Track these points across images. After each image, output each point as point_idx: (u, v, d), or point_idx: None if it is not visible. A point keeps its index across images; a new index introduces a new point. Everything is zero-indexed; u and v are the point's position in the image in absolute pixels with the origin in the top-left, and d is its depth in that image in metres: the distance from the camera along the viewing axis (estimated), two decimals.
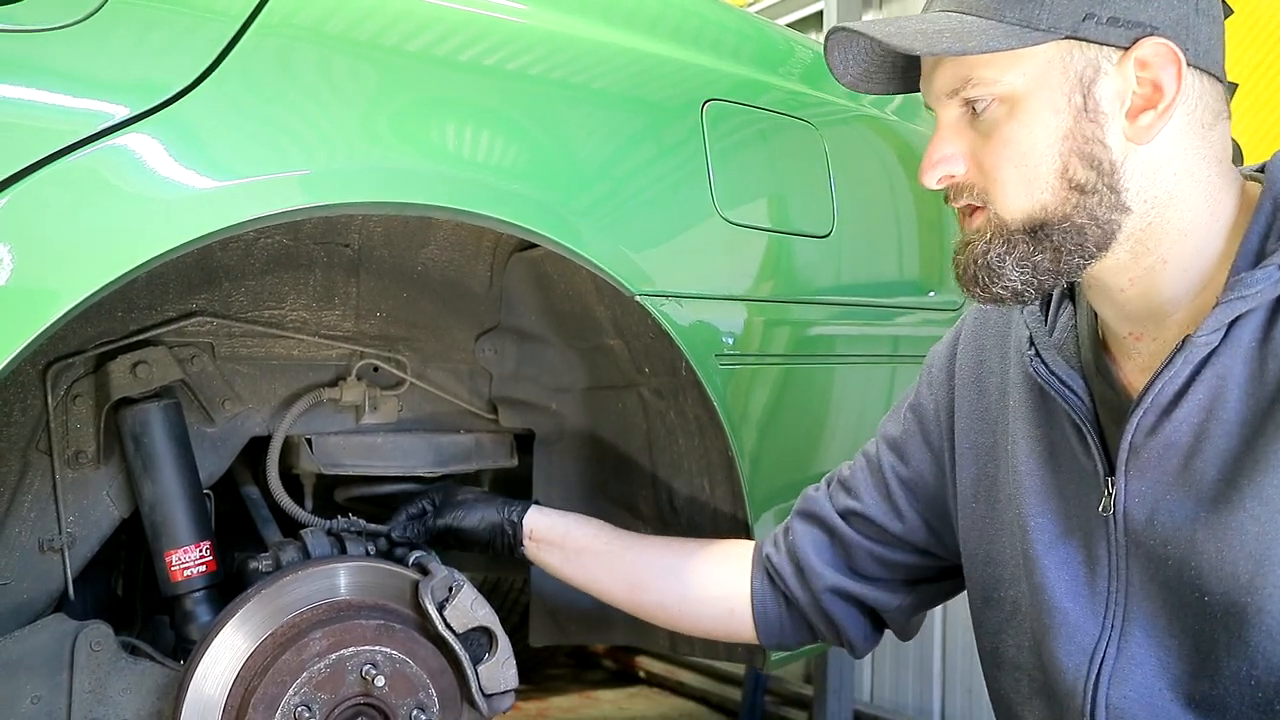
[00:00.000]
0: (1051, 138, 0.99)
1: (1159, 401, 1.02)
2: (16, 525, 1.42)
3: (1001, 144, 1.00)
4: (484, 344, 1.74)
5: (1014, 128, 1.00)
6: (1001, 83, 0.99)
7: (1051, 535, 1.14)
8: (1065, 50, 0.98)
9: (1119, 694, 1.06)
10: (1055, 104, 0.98)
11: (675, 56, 1.58)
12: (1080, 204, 0.99)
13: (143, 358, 1.46)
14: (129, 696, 1.41)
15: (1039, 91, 0.99)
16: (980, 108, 1.01)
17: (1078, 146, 0.99)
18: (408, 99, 1.26)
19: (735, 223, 1.56)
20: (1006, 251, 1.01)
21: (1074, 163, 0.99)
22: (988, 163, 1.01)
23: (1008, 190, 1.01)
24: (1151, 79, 0.97)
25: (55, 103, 1.03)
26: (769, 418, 1.62)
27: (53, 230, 1.01)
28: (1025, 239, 1.00)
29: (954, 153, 1.03)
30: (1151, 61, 0.96)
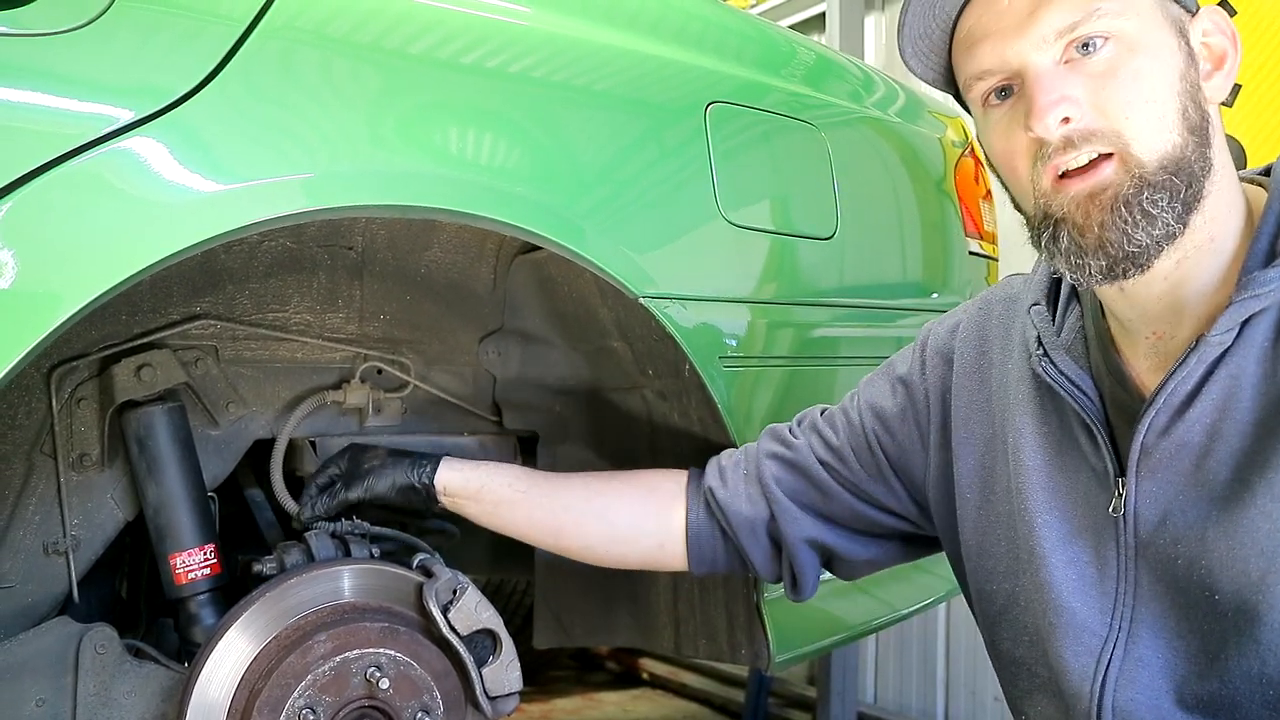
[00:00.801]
0: (1172, 76, 0.97)
1: (1172, 401, 1.02)
2: (21, 528, 1.42)
3: (1129, 83, 0.96)
4: (487, 346, 1.74)
5: (1142, 63, 0.96)
6: (1124, 17, 0.96)
7: (1059, 534, 1.13)
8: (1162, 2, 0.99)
9: (1126, 696, 1.06)
10: (1169, 45, 0.98)
11: (678, 59, 1.58)
12: (1196, 150, 0.97)
13: (147, 361, 1.46)
14: (134, 699, 1.41)
15: (1154, 31, 0.98)
16: (1097, 45, 0.97)
17: (1189, 89, 0.98)
18: (411, 102, 1.26)
19: (738, 225, 1.56)
20: (1154, 193, 0.95)
21: (1189, 105, 0.97)
22: (1116, 100, 0.96)
23: (1143, 129, 0.95)
24: (1214, 44, 1.01)
25: (61, 106, 1.03)
26: (772, 419, 1.62)
27: (58, 234, 1.01)
28: (1163, 185, 0.95)
29: (1071, 92, 0.97)
30: (1212, 29, 1.01)
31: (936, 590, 2.07)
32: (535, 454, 1.82)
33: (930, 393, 1.34)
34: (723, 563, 1.48)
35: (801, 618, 1.72)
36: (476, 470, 1.55)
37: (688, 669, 4.36)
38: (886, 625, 2.02)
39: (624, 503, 1.51)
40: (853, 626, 1.89)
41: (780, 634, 1.63)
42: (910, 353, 1.40)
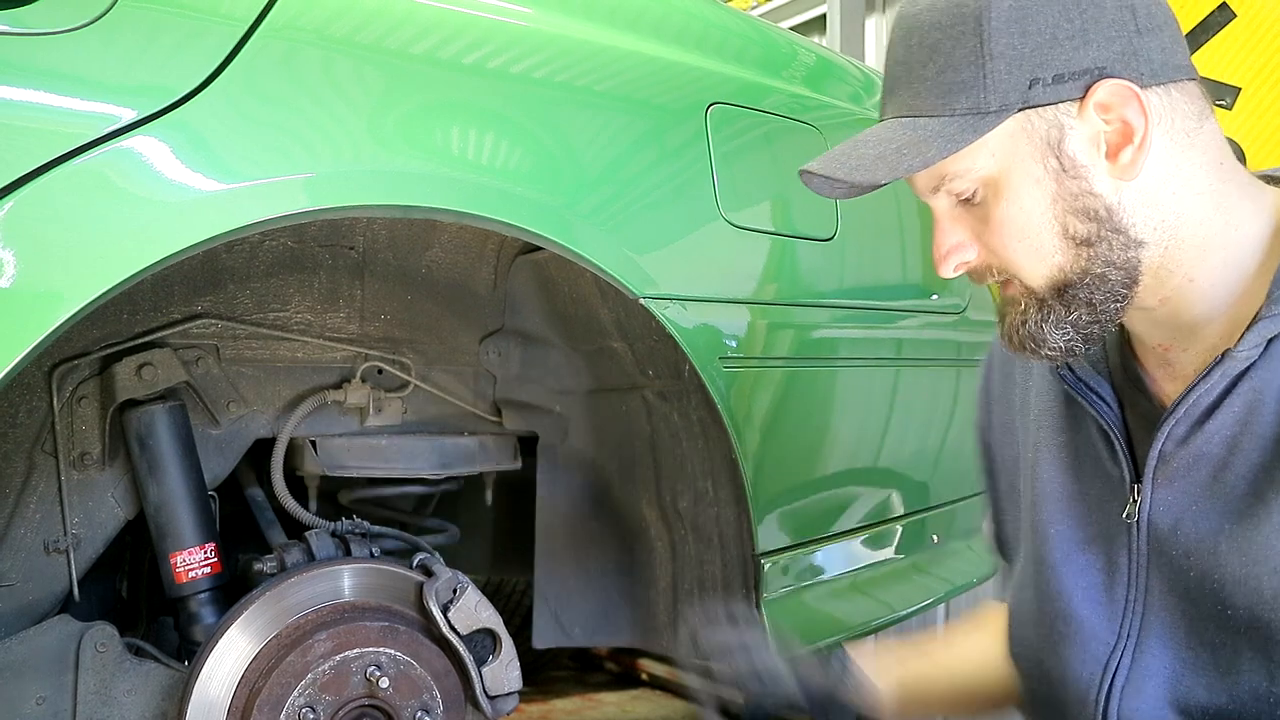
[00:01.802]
0: (1042, 205, 0.98)
1: (1192, 413, 1.01)
2: (22, 527, 1.42)
3: (999, 225, 1.00)
4: (488, 346, 1.74)
5: (1004, 208, 0.99)
6: (975, 170, 0.99)
7: (1071, 543, 1.13)
8: (1024, 120, 0.97)
9: (1131, 705, 1.05)
10: (1034, 174, 0.98)
11: (679, 60, 1.58)
12: (1093, 255, 0.98)
13: (148, 360, 1.46)
14: (134, 698, 1.41)
15: (1013, 168, 0.98)
16: (969, 193, 1.01)
17: (1069, 205, 0.98)
18: (413, 102, 1.26)
19: (739, 226, 1.56)
20: (1043, 318, 1.01)
21: (1071, 221, 0.98)
22: (993, 244, 1.01)
23: (1023, 262, 1.00)
24: (1119, 118, 0.95)
25: (63, 105, 1.03)
26: (772, 420, 1.63)
27: (60, 233, 1.01)
28: (1056, 302, 1.00)
29: (959, 241, 1.04)
30: (1111, 103, 0.95)
31: (935, 591, 2.07)
32: (535, 454, 1.82)
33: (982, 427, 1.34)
34: None
35: (801, 619, 1.72)
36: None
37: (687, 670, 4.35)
38: (885, 626, 2.02)
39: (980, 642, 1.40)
40: (852, 627, 1.89)
41: (779, 634, 1.63)
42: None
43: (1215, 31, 2.73)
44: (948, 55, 0.97)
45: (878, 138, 1.03)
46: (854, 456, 1.85)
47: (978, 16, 0.95)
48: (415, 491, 1.81)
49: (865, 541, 1.90)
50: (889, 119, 1.05)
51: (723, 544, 1.67)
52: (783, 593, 1.67)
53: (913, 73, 1.01)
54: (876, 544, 1.94)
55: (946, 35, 0.97)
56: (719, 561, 1.68)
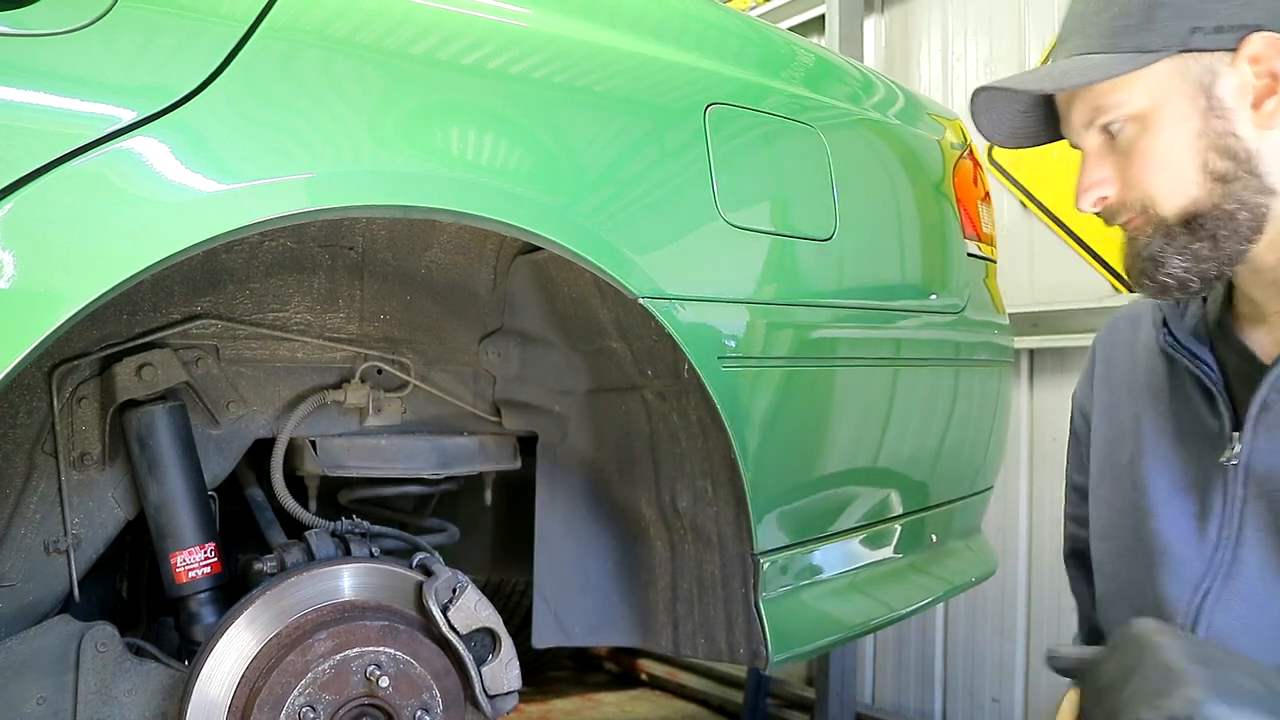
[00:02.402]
0: (1185, 140, 1.08)
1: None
2: (22, 527, 1.42)
3: (1142, 157, 1.09)
4: (487, 346, 1.75)
5: (1150, 140, 1.09)
6: (1128, 104, 1.08)
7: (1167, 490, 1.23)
8: (1181, 63, 1.07)
9: (1223, 620, 1.13)
10: (1183, 111, 1.07)
11: (678, 60, 1.58)
12: (1227, 192, 1.07)
13: (148, 360, 1.47)
14: (134, 697, 1.41)
15: (1165, 104, 1.08)
16: (1116, 130, 1.10)
17: (1213, 142, 1.07)
18: (412, 102, 1.26)
19: (738, 226, 1.57)
20: (1168, 243, 1.10)
21: (1212, 157, 1.07)
22: (1135, 177, 1.10)
23: (1159, 195, 1.09)
24: (1268, 70, 1.05)
25: (63, 106, 1.03)
26: (771, 420, 1.63)
27: (60, 233, 1.01)
28: (1183, 230, 1.09)
29: (1102, 177, 1.12)
30: (1263, 55, 1.05)
31: (934, 591, 2.07)
32: (534, 454, 1.82)
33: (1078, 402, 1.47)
34: None
35: (799, 618, 1.72)
36: None
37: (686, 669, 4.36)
38: (884, 626, 2.02)
39: None
40: (851, 627, 1.90)
41: (778, 634, 1.64)
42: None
43: None
44: (1123, 4, 1.08)
45: (1050, 66, 1.14)
46: (853, 456, 1.85)
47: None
48: (415, 491, 1.81)
49: (864, 541, 1.90)
50: (1061, 58, 1.15)
51: (722, 543, 1.67)
52: (781, 592, 1.67)
53: (1086, 20, 1.12)
54: (875, 543, 1.94)
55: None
56: (718, 561, 1.68)
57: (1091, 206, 1.14)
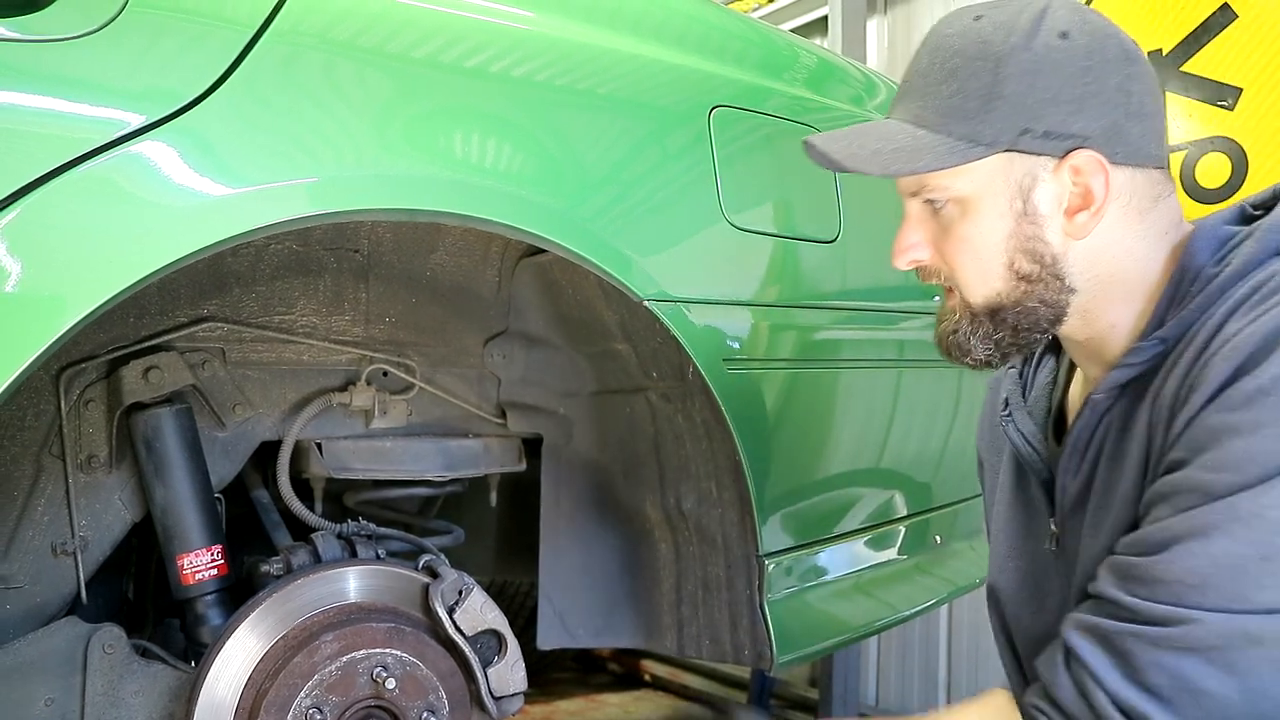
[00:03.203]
0: (998, 237, 1.09)
1: (1078, 446, 1.15)
2: (30, 529, 1.43)
3: (958, 240, 1.11)
4: (492, 349, 1.75)
5: (966, 227, 1.10)
6: (953, 189, 1.10)
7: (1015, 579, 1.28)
8: (1006, 160, 1.07)
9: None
10: (999, 209, 1.09)
11: (681, 63, 1.59)
12: (1029, 291, 1.10)
13: (154, 363, 1.47)
14: (141, 699, 1.42)
15: (985, 197, 1.09)
16: (938, 206, 1.12)
17: (1021, 244, 1.09)
18: (417, 106, 1.26)
19: (742, 228, 1.57)
20: (972, 331, 1.13)
21: (1019, 258, 1.09)
22: (947, 254, 1.13)
23: (967, 278, 1.12)
24: (1084, 184, 1.06)
25: (72, 111, 1.04)
26: (776, 422, 1.63)
27: (68, 238, 1.02)
28: (987, 320, 1.12)
29: (919, 241, 1.15)
30: (1083, 169, 1.06)
31: (939, 592, 2.07)
32: (539, 456, 1.83)
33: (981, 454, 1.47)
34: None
35: (804, 619, 1.73)
36: None
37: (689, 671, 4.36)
38: (889, 627, 2.03)
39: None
40: (855, 628, 1.90)
41: (783, 635, 1.64)
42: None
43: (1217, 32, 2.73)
44: (963, 82, 1.07)
45: (880, 134, 1.13)
46: (857, 458, 1.85)
47: (999, 58, 1.06)
48: (420, 493, 1.81)
49: (868, 542, 1.91)
50: (894, 119, 1.15)
51: (726, 545, 1.68)
52: (786, 593, 1.68)
53: (929, 87, 1.11)
54: (880, 545, 1.94)
55: (967, 64, 1.07)
56: (723, 562, 1.68)
57: (906, 266, 1.18)
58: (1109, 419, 1.12)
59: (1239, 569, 0.90)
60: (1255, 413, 0.92)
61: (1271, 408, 0.92)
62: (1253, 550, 0.90)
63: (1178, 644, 0.92)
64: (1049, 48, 1.05)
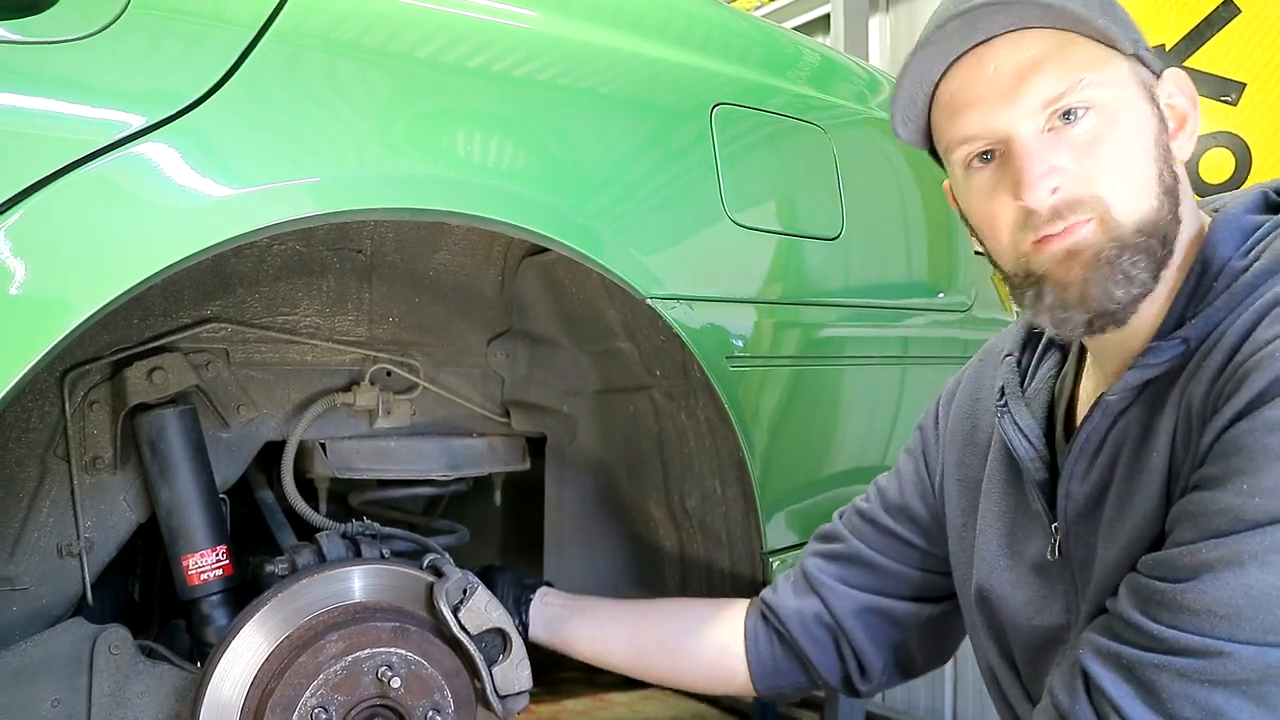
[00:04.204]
0: (1148, 144, 1.02)
1: (1087, 449, 1.09)
2: (35, 530, 1.43)
3: (1113, 149, 1.00)
4: (496, 348, 1.75)
5: (1120, 135, 1.00)
6: (1104, 86, 1.00)
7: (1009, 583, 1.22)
8: (1135, 66, 1.03)
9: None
10: (1144, 113, 1.02)
11: (683, 61, 1.58)
12: (1171, 210, 1.02)
13: (158, 364, 1.47)
14: (148, 700, 1.42)
15: (1131, 102, 1.02)
16: (1079, 114, 1.00)
17: (1163, 153, 1.02)
18: (420, 106, 1.26)
19: (745, 225, 1.57)
20: (1132, 254, 1.00)
21: (1164, 168, 1.02)
22: (1099, 170, 1.00)
23: (1124, 195, 1.00)
24: (1179, 104, 1.05)
25: (74, 113, 1.04)
26: (780, 419, 1.63)
27: (71, 239, 1.02)
28: (1143, 243, 1.00)
29: (1060, 164, 1.00)
30: (1176, 90, 1.05)
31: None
32: (543, 455, 1.83)
33: (933, 444, 1.42)
34: (784, 670, 1.50)
35: None
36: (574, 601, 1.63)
37: None
38: None
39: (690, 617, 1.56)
40: None
41: None
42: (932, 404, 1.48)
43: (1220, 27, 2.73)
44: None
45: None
46: (861, 454, 1.85)
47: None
48: (424, 493, 1.81)
49: None
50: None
51: (731, 542, 1.68)
52: None
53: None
54: None
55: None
56: (727, 560, 1.68)
57: (1050, 196, 1.00)
58: (1125, 422, 1.06)
59: (1274, 600, 0.86)
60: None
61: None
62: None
63: (1208, 677, 0.88)
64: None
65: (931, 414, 1.45)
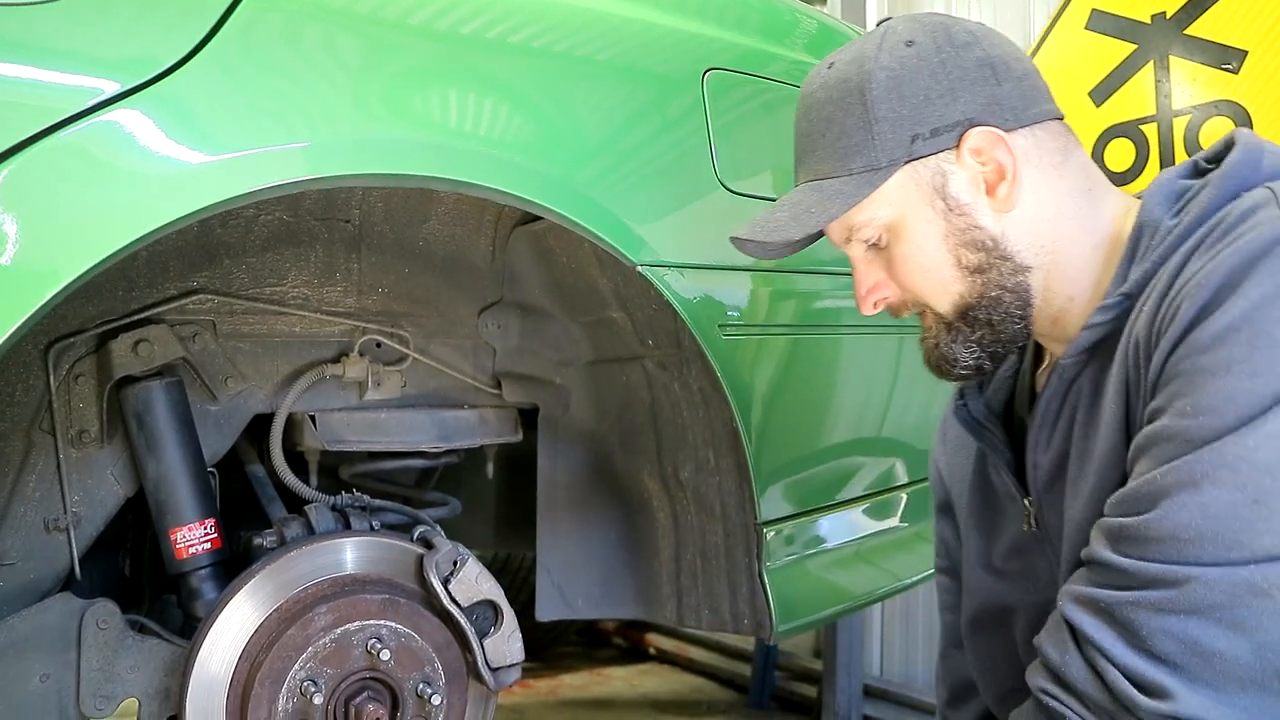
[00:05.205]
0: (935, 242, 1.11)
1: (1047, 418, 1.15)
2: (21, 505, 1.42)
3: (903, 263, 1.13)
4: (487, 319, 1.73)
5: (904, 247, 1.13)
6: (876, 219, 1.12)
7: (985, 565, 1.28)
8: (911, 172, 1.10)
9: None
10: (925, 215, 1.11)
11: (676, 26, 1.56)
12: (987, 281, 1.11)
13: (144, 336, 1.46)
14: (137, 674, 1.41)
15: (908, 212, 1.11)
16: (873, 242, 1.14)
17: (960, 240, 1.11)
18: (407, 71, 1.24)
19: (738, 192, 1.55)
20: (951, 340, 1.14)
21: (963, 253, 1.11)
22: (902, 279, 1.15)
23: (928, 292, 1.13)
24: (991, 158, 1.09)
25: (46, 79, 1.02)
26: (773, 389, 1.61)
27: (44, 209, 1.00)
28: (961, 324, 1.13)
29: (876, 281, 1.17)
30: (982, 146, 1.08)
31: None
32: (536, 426, 1.81)
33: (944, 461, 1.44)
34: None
35: (804, 588, 1.72)
36: None
37: (694, 644, 4.37)
38: (890, 595, 2.02)
39: None
40: (856, 596, 1.89)
41: (783, 604, 1.63)
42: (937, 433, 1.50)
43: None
44: (840, 124, 1.12)
45: (790, 202, 1.17)
46: (857, 425, 1.84)
47: (861, 88, 1.10)
48: (416, 465, 1.79)
49: (869, 510, 1.90)
50: (799, 185, 1.19)
51: (725, 513, 1.66)
52: (786, 562, 1.67)
53: (814, 142, 1.15)
54: (880, 513, 1.93)
55: (837, 107, 1.12)
56: (721, 531, 1.67)
57: (874, 309, 1.18)
58: (1079, 385, 1.11)
59: (1232, 517, 0.88)
60: (1226, 351, 0.91)
61: (1243, 343, 0.90)
62: (1243, 495, 0.88)
63: (1180, 607, 0.90)
64: (901, 59, 1.09)
65: (935, 442, 1.47)
